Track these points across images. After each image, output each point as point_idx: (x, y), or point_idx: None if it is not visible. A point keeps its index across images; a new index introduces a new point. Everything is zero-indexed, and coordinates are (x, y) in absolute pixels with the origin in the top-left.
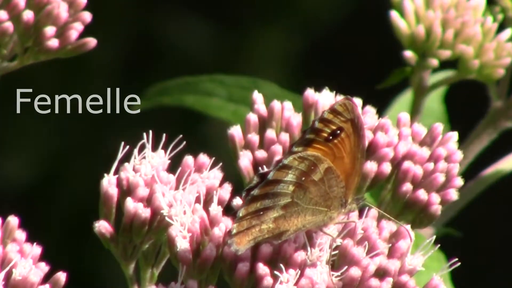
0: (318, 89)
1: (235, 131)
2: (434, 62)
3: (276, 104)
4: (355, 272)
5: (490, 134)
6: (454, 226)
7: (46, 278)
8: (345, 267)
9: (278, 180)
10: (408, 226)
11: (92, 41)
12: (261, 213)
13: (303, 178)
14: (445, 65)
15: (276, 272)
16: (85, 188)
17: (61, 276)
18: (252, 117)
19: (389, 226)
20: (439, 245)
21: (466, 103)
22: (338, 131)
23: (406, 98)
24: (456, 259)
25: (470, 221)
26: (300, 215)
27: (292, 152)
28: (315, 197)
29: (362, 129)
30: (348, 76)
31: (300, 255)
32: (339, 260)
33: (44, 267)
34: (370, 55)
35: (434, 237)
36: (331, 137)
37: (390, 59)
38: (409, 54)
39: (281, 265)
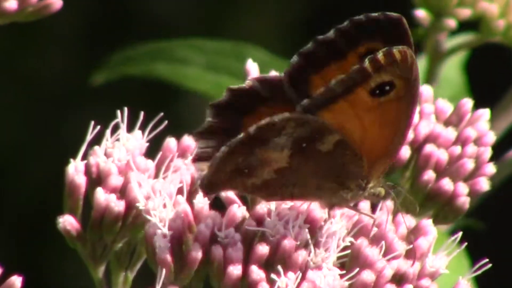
0: None
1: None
2: (452, 22)
3: (272, 74)
4: (367, 276)
5: None
6: (476, 217)
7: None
8: (356, 270)
9: (264, 139)
10: (430, 221)
11: (56, 2)
12: (246, 171)
13: (304, 145)
14: (464, 27)
15: (273, 276)
16: (40, 180)
17: (16, 281)
18: None
19: (407, 221)
20: (466, 244)
21: (490, 71)
22: (388, 87)
23: (420, 66)
24: (486, 260)
25: (494, 211)
26: (299, 184)
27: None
28: (322, 170)
29: (416, 96)
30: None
31: (301, 255)
32: (350, 261)
33: None
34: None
35: (460, 233)
36: (377, 91)
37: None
38: (421, 13)
39: (279, 267)
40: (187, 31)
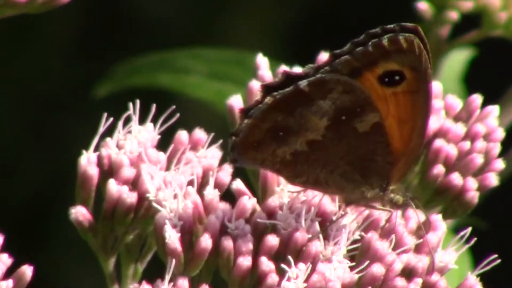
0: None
1: (235, 101)
2: (454, 15)
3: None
4: (377, 269)
5: None
6: (480, 215)
7: (9, 273)
8: (366, 263)
9: (311, 97)
10: (439, 216)
11: None
12: (281, 133)
13: (344, 117)
14: (467, 21)
15: (283, 266)
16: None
17: (27, 270)
18: (256, 85)
19: (416, 216)
20: (475, 239)
21: (493, 65)
22: (398, 77)
23: None
24: (495, 255)
25: (499, 209)
26: (327, 167)
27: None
28: (352, 154)
29: (430, 91)
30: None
31: (313, 246)
32: (360, 255)
33: (6, 260)
34: (376, 9)
35: (470, 229)
36: (386, 79)
37: (401, 13)
38: (423, 6)
39: (290, 258)
40: (182, 33)
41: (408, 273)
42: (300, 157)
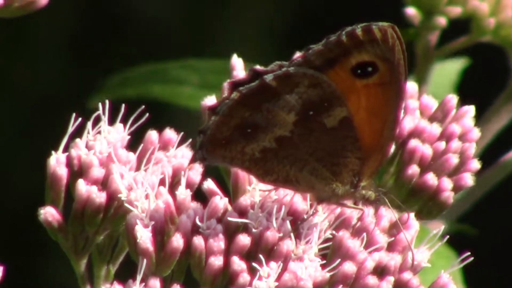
0: None
1: (210, 101)
2: (442, 21)
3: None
4: (349, 267)
5: (510, 111)
6: (469, 221)
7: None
8: (338, 261)
9: (277, 92)
10: (412, 215)
11: None
12: (249, 130)
13: (311, 112)
14: (456, 27)
15: (254, 265)
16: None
17: None
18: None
19: (389, 215)
20: (447, 237)
21: (482, 73)
22: (370, 68)
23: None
24: (468, 253)
25: (487, 216)
26: (296, 164)
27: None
28: (321, 150)
29: (402, 83)
30: None
31: (284, 245)
32: (332, 253)
33: None
34: (364, 15)
35: (442, 227)
36: (359, 71)
37: (389, 19)
38: (412, 11)
39: (261, 257)
40: (177, 39)
41: (381, 271)
42: (269, 154)
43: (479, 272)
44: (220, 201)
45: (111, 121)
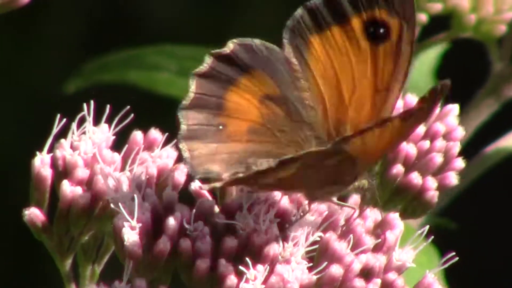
0: None
1: None
2: (423, 17)
3: None
4: (336, 270)
5: (490, 106)
6: (448, 215)
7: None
8: (325, 264)
9: (282, 167)
10: (396, 215)
11: None
12: (252, 181)
13: (312, 162)
14: (437, 22)
15: (241, 268)
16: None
17: None
18: None
19: (374, 215)
20: (432, 237)
21: (462, 68)
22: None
23: None
24: (453, 253)
25: (467, 210)
26: (294, 187)
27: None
28: (319, 175)
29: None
30: None
31: (270, 248)
32: (319, 256)
33: None
34: None
35: (427, 227)
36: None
37: None
38: None
39: (248, 260)
40: (188, 36)
41: (366, 273)
42: (268, 185)
43: (458, 266)
44: (207, 203)
45: (96, 121)
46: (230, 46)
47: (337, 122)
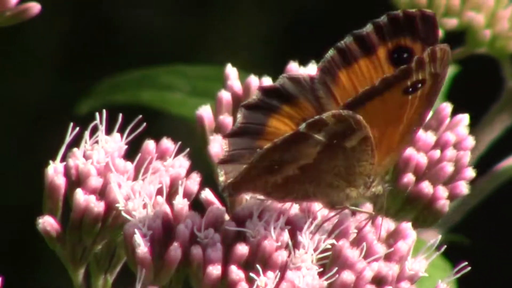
0: (303, 62)
1: (204, 111)
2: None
3: (253, 79)
4: (347, 276)
5: (504, 121)
6: (462, 231)
7: None
8: (335, 269)
9: (308, 135)
10: (409, 224)
11: (35, 7)
12: (276, 167)
13: (335, 141)
14: (451, 38)
15: (252, 275)
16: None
17: None
18: (225, 95)
19: (386, 224)
20: (444, 247)
21: (476, 84)
22: (420, 84)
23: None
24: (465, 263)
25: (480, 226)
26: (315, 182)
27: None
28: (339, 167)
29: (436, 96)
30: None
31: (281, 255)
32: (331, 262)
33: None
34: (359, 27)
35: (439, 237)
36: (411, 89)
37: None
38: None
39: (258, 267)
40: (169, 49)
41: (379, 281)
42: (291, 180)
43: (471, 282)
44: (218, 211)
45: (108, 130)
46: (280, 81)
47: None
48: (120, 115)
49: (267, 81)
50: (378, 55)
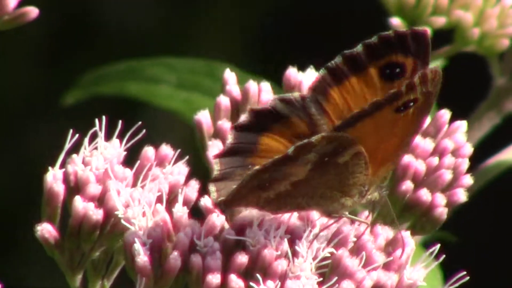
0: (301, 67)
1: (203, 117)
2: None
3: (252, 84)
4: (347, 286)
5: (492, 119)
6: (449, 229)
7: None
8: (335, 279)
9: (297, 157)
10: (408, 233)
11: (33, 11)
12: (267, 185)
13: (326, 159)
14: (440, 36)
15: (252, 284)
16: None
17: None
18: (224, 101)
19: (385, 232)
20: (443, 256)
21: (464, 82)
22: (412, 103)
23: None
24: (464, 272)
25: (467, 223)
26: (308, 195)
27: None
28: (332, 180)
29: (429, 109)
30: (323, 52)
31: (281, 264)
32: (330, 272)
33: None
34: (347, 25)
35: (438, 246)
36: (402, 108)
37: (373, 29)
38: (396, 21)
39: (258, 276)
40: (155, 42)
41: None
42: (283, 195)
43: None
44: (217, 219)
45: (108, 137)
46: (272, 103)
47: None
48: (120, 122)
49: (266, 86)
50: (369, 72)
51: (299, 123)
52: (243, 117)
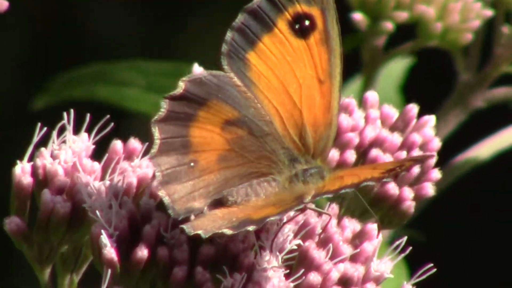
0: None
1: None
2: (389, 25)
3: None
4: (314, 278)
5: (457, 116)
6: (417, 227)
7: None
8: (302, 271)
9: None
10: (375, 225)
11: (2, 3)
12: None
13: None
14: (403, 31)
15: (218, 276)
16: None
17: None
18: None
19: (352, 225)
20: (410, 248)
21: (428, 78)
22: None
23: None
24: (431, 264)
25: (434, 221)
26: None
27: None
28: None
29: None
30: None
31: (247, 257)
32: (297, 264)
33: None
34: None
35: (406, 238)
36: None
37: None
38: (358, 16)
39: (225, 268)
40: (131, 53)
41: (345, 282)
42: None
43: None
44: None
45: (76, 131)
46: (182, 85)
47: (296, 127)
48: (88, 116)
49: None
50: (279, 28)
51: (222, 105)
52: (161, 109)
